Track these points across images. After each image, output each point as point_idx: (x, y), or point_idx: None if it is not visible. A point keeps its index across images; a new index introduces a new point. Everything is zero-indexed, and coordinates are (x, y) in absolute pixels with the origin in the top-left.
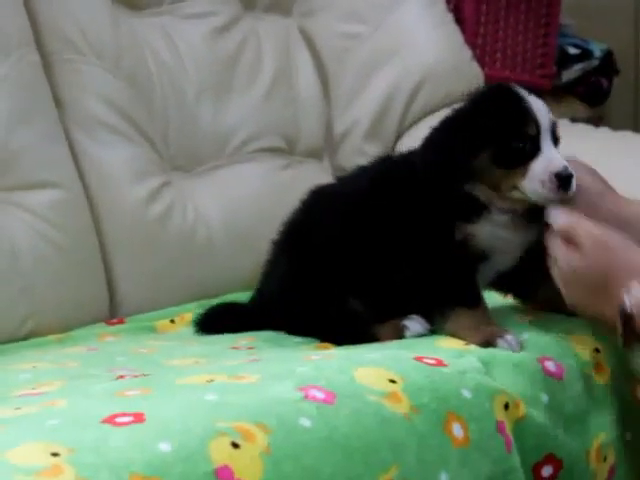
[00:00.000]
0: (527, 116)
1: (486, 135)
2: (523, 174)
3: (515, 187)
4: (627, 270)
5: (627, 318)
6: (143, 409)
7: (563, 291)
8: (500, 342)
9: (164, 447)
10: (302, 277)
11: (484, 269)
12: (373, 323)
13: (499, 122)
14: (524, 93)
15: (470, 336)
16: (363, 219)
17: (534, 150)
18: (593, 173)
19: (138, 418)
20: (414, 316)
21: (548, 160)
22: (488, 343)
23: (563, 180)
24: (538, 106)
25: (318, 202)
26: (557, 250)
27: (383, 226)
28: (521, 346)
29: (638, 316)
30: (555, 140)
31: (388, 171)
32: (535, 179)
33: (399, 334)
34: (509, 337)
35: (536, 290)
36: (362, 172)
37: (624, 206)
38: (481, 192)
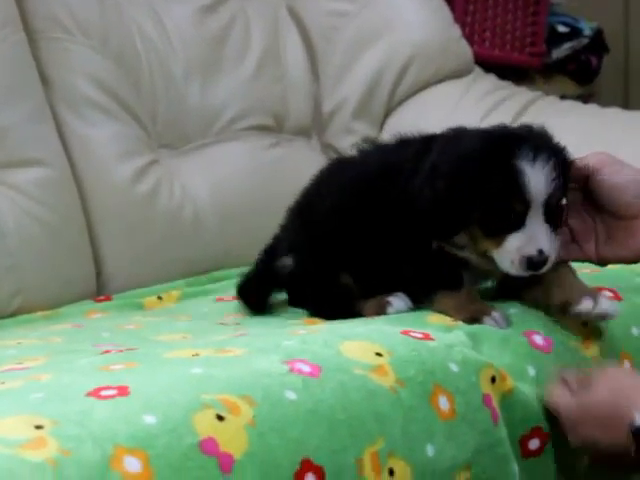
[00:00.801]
0: (519, 192)
1: (477, 200)
2: (499, 244)
3: (488, 252)
4: (635, 392)
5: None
6: (128, 382)
7: (573, 434)
8: (486, 319)
9: (149, 419)
10: (304, 246)
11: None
12: (359, 298)
13: (492, 192)
14: (528, 159)
15: (456, 314)
16: (364, 199)
17: (517, 224)
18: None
19: (122, 391)
20: (398, 293)
21: (526, 239)
22: (474, 320)
23: (533, 265)
24: (536, 178)
25: (331, 173)
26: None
27: (377, 209)
28: (508, 322)
29: None
30: (550, 212)
31: (393, 161)
32: (506, 255)
33: (382, 310)
34: (496, 314)
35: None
36: (377, 153)
37: None
38: (460, 240)
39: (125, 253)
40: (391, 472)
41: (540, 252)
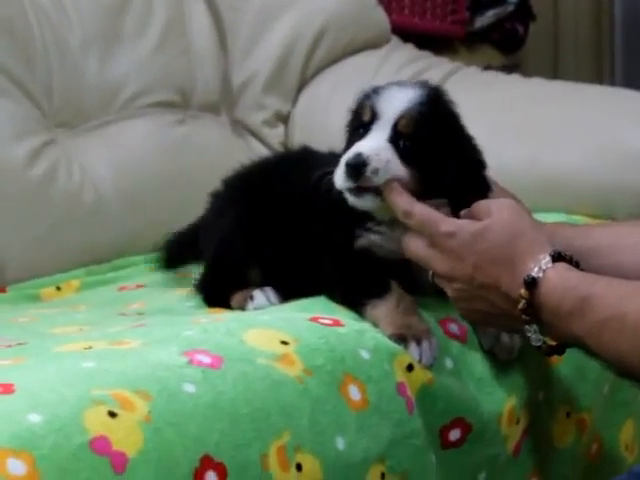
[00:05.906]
0: (369, 105)
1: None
2: None
3: None
4: (534, 243)
5: (531, 287)
6: (13, 379)
7: (453, 262)
8: (412, 347)
9: (34, 418)
10: (224, 226)
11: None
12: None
13: (355, 110)
14: (391, 85)
15: (385, 327)
16: (295, 200)
17: (362, 135)
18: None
19: (6, 389)
20: (266, 287)
21: (353, 149)
22: (401, 339)
23: (350, 168)
24: (391, 96)
25: (281, 162)
26: (458, 223)
27: (304, 213)
28: (433, 359)
29: (542, 284)
30: (403, 136)
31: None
32: (339, 168)
33: (244, 304)
34: (425, 345)
35: None
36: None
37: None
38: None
39: (20, 240)
40: (299, 467)
41: (358, 155)
